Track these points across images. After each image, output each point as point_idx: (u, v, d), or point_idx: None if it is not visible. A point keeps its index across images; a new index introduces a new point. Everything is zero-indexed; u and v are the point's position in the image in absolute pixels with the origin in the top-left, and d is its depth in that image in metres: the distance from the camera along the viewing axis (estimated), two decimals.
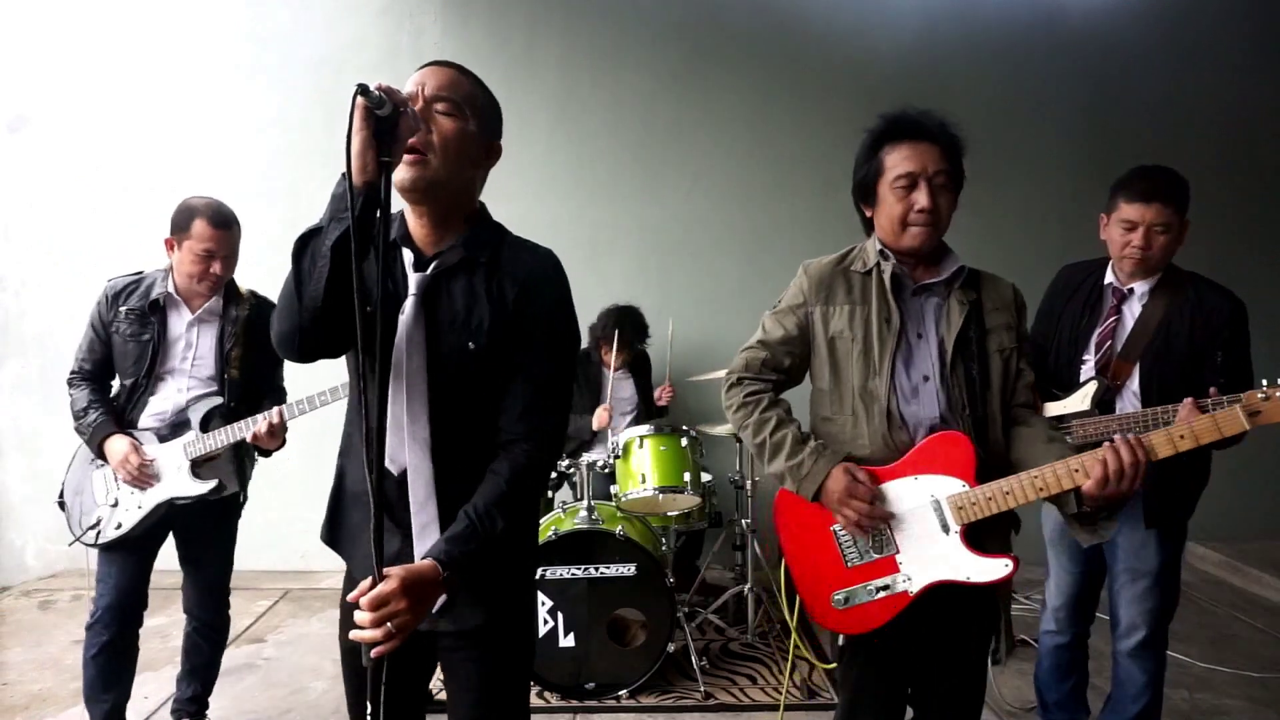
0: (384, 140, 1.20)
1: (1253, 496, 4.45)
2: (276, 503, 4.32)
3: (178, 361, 2.37)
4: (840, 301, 1.69)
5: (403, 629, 1.21)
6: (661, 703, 2.90)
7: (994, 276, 1.73)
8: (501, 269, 1.36)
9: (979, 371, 1.63)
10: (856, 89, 4.32)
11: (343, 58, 4.20)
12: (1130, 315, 2.21)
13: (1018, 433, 1.67)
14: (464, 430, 1.36)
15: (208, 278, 2.34)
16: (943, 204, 1.61)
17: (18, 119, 4.22)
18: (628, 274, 4.29)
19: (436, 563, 1.26)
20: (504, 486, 1.32)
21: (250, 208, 4.21)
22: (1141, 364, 2.15)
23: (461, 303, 1.35)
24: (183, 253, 2.31)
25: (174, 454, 2.35)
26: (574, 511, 3.08)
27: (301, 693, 3.02)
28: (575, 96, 4.33)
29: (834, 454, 1.63)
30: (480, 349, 1.33)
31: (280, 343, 1.33)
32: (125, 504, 2.36)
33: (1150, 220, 2.10)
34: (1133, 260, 2.15)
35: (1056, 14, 4.41)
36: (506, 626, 1.43)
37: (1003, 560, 1.58)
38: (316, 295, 1.24)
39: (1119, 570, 2.26)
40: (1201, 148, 4.37)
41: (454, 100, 1.32)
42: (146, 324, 2.34)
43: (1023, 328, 1.70)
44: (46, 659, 3.24)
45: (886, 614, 1.64)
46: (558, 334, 1.39)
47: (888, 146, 1.63)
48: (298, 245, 1.28)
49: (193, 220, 2.28)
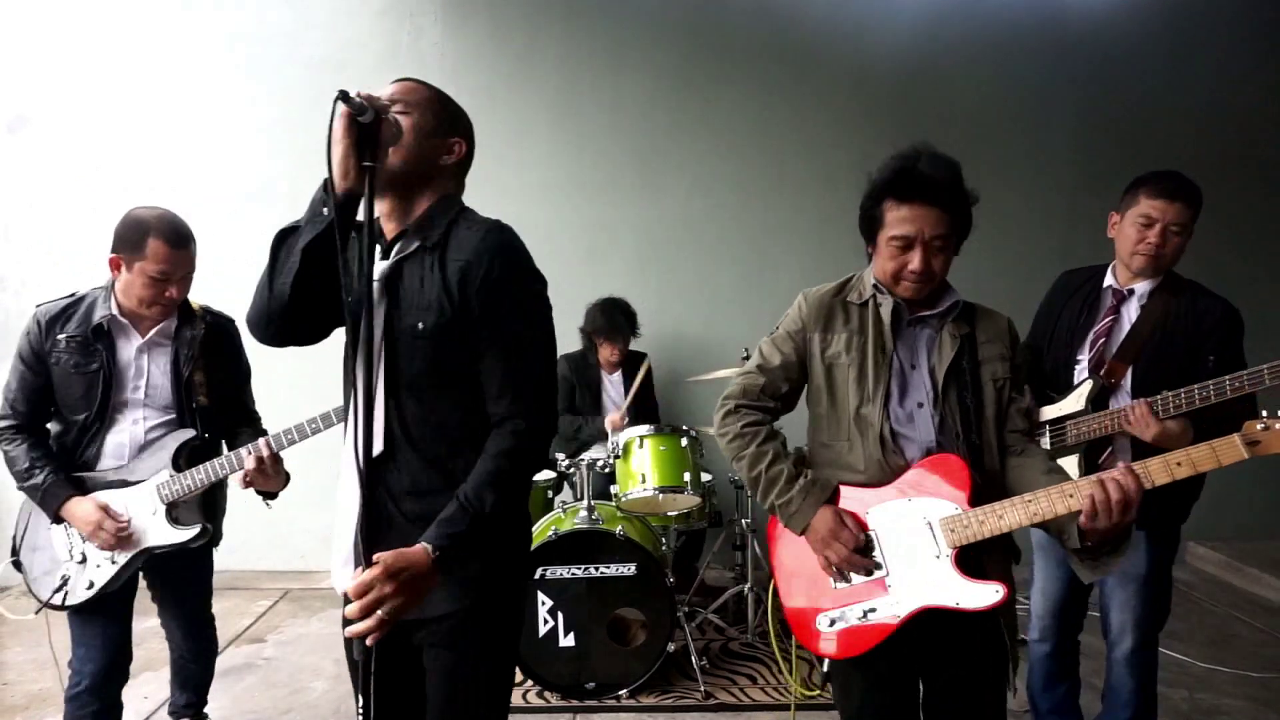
0: (366, 146, 1.27)
1: (1253, 496, 4.45)
2: (276, 503, 4.33)
3: (129, 391, 2.10)
4: (838, 329, 1.71)
5: (394, 614, 1.23)
6: (661, 703, 2.90)
7: (988, 310, 1.75)
8: (448, 248, 1.39)
9: (973, 400, 1.64)
10: (856, 89, 4.32)
11: (343, 58, 4.21)
12: (1128, 317, 2.21)
13: (1014, 462, 1.66)
14: (414, 416, 1.38)
15: (161, 302, 2.08)
16: (937, 266, 1.62)
17: (18, 119, 4.22)
18: (627, 274, 4.28)
19: (427, 546, 1.28)
20: (492, 465, 1.35)
21: (250, 208, 4.27)
22: (1136, 365, 2.15)
23: (415, 285, 1.39)
24: (133, 275, 2.04)
25: (145, 499, 2.09)
26: (574, 511, 3.08)
27: (301, 693, 3.02)
28: (575, 96, 4.33)
29: (823, 491, 1.65)
30: (429, 328, 1.35)
31: (252, 324, 1.43)
32: (95, 558, 2.08)
33: (1170, 219, 2.11)
34: (1145, 257, 2.14)
35: (1056, 14, 4.41)
36: (485, 613, 1.42)
37: (993, 586, 1.54)
38: (283, 291, 1.35)
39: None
40: (1200, 148, 4.37)
41: (407, 101, 1.40)
42: (91, 352, 2.05)
43: (1016, 358, 1.72)
44: (46, 659, 3.23)
45: (874, 638, 1.60)
46: (509, 303, 1.38)
47: (889, 202, 1.62)
48: (277, 238, 1.39)
49: (146, 238, 2.02)
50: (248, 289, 1.42)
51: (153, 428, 2.13)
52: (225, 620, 3.64)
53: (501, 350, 1.37)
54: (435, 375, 1.37)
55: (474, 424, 1.39)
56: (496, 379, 1.38)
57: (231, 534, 2.52)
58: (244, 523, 2.60)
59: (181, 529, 2.13)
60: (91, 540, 2.06)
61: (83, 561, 2.08)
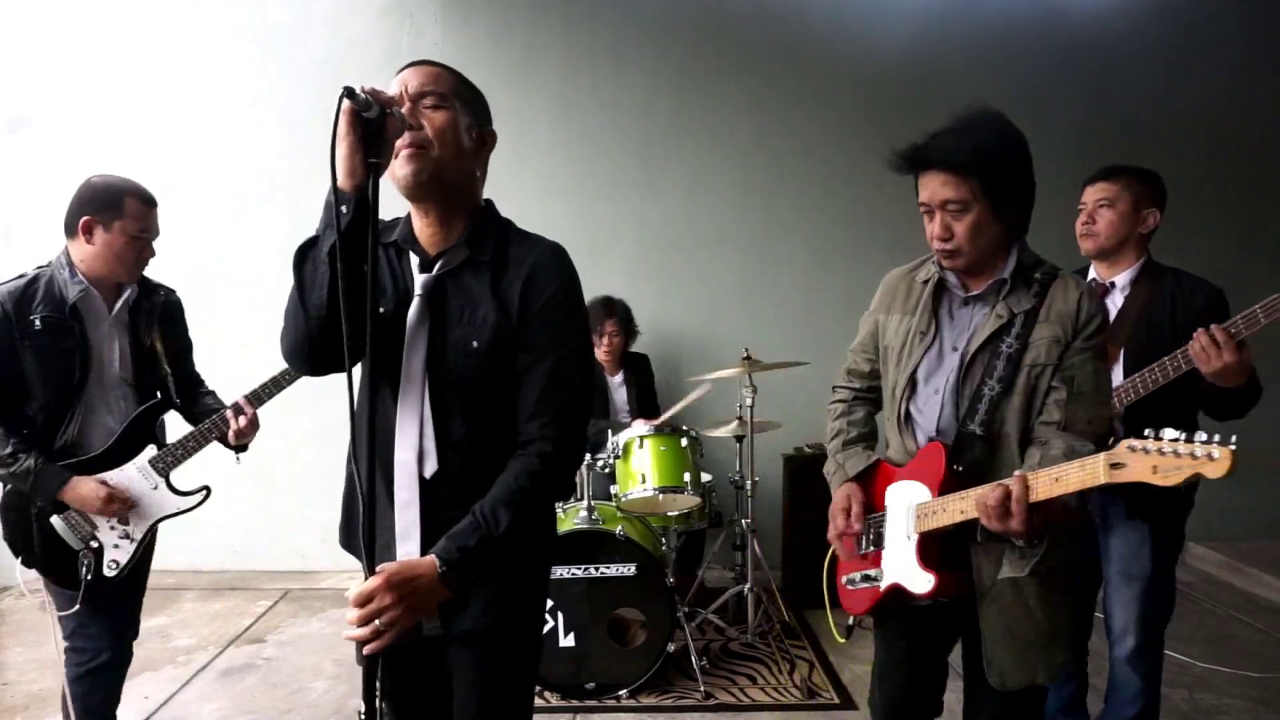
0: (372, 142, 1.22)
1: (1253, 496, 4.44)
2: (276, 503, 4.34)
3: (105, 366, 2.10)
4: (897, 310, 1.76)
5: (391, 625, 1.21)
6: (661, 703, 2.90)
7: (1071, 283, 1.61)
8: (506, 265, 1.36)
9: (1001, 387, 1.58)
10: (857, 88, 4.32)
11: (344, 58, 4.21)
12: (1114, 307, 2.25)
13: (1030, 452, 1.60)
14: (466, 434, 1.35)
15: (141, 262, 2.11)
16: (959, 231, 1.57)
17: (18, 119, 4.22)
18: (628, 273, 4.28)
19: (435, 559, 1.26)
20: (512, 484, 1.32)
21: (252, 209, 4.28)
22: (1126, 350, 2.19)
23: (466, 301, 1.35)
24: (112, 235, 2.04)
25: (140, 475, 2.13)
26: (574, 511, 3.08)
27: (301, 693, 3.02)
28: (575, 96, 4.33)
29: (854, 468, 1.79)
30: (483, 345, 1.33)
31: (290, 354, 1.36)
32: (109, 540, 2.10)
33: (1094, 197, 2.24)
34: (1082, 239, 2.27)
35: (1056, 14, 4.41)
36: (510, 629, 1.41)
37: (926, 575, 1.59)
38: (320, 302, 1.27)
39: (1112, 574, 2.26)
40: (1199, 148, 4.37)
41: (439, 93, 1.33)
42: (67, 330, 2.03)
43: (1078, 341, 1.57)
44: (47, 659, 3.24)
45: (866, 603, 1.75)
46: (565, 327, 1.37)
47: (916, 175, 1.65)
48: (298, 256, 1.31)
49: (122, 198, 2.05)
50: (248, 289, 1.41)
51: (132, 403, 2.16)
52: (225, 620, 3.67)
53: (544, 370, 1.34)
54: (486, 391, 1.35)
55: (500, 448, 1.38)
56: (533, 399, 1.34)
57: (232, 534, 2.52)
58: (244, 523, 2.60)
59: (186, 496, 2.19)
60: (104, 515, 2.07)
61: (100, 548, 2.09)
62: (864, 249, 4.22)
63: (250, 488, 3.88)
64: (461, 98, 1.36)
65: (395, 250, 1.43)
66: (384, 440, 1.35)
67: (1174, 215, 2.34)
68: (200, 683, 3.08)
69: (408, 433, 1.33)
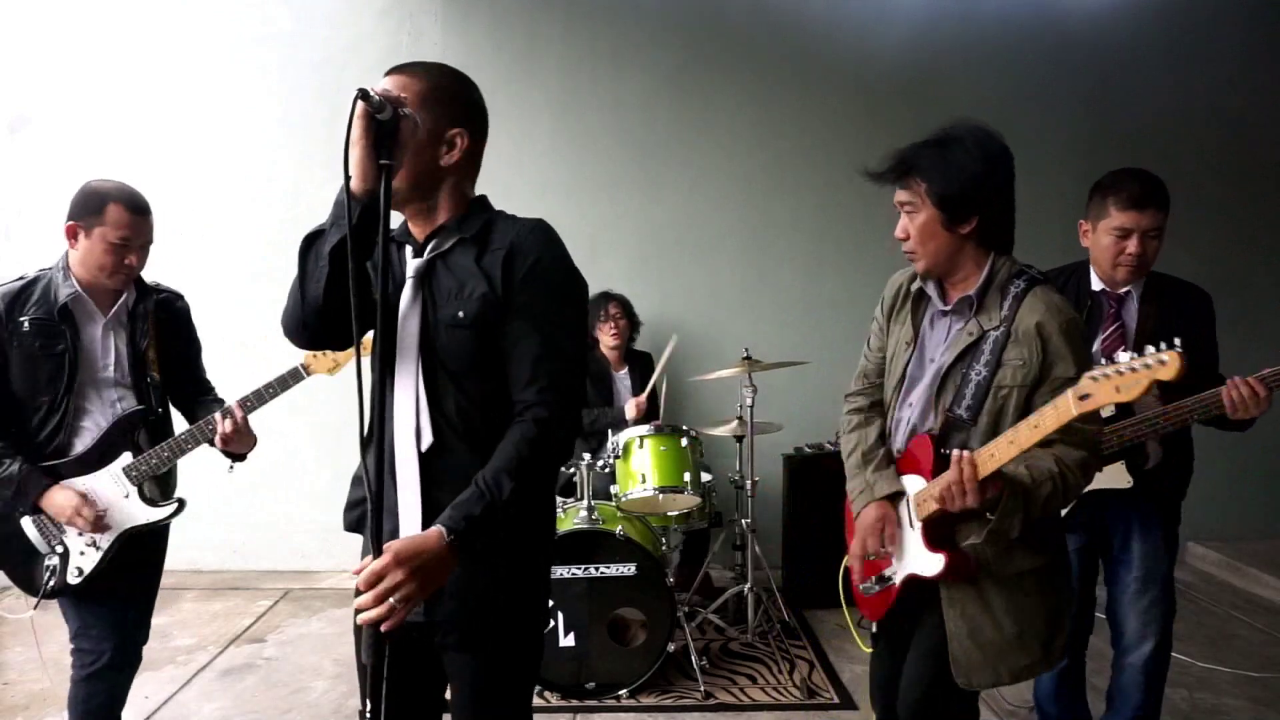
0: (384, 144, 1.24)
1: (1253, 496, 4.45)
2: (276, 503, 4.34)
3: (100, 371, 2.08)
4: (893, 318, 1.79)
5: (406, 600, 1.22)
6: (661, 702, 2.90)
7: (1040, 299, 1.56)
8: (490, 241, 1.39)
9: (969, 409, 1.58)
10: (856, 88, 4.32)
11: (344, 59, 4.19)
12: (1130, 319, 2.21)
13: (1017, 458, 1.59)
14: (459, 408, 1.38)
15: (121, 270, 2.05)
16: (913, 233, 1.60)
17: (18, 119, 4.22)
18: (628, 273, 4.28)
19: (442, 529, 1.27)
20: (512, 451, 1.33)
21: (251, 209, 4.28)
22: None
23: (455, 277, 1.38)
24: (92, 241, 2.01)
25: (112, 482, 2.08)
26: (574, 511, 3.08)
27: (301, 693, 3.02)
28: (575, 96, 4.33)
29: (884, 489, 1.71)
30: (469, 316, 1.35)
31: (287, 330, 1.43)
32: (76, 547, 2.06)
33: (1145, 227, 2.09)
34: (1128, 269, 2.13)
35: (1056, 14, 4.41)
36: (508, 622, 1.41)
37: (936, 556, 1.60)
38: (316, 295, 1.33)
39: (1129, 580, 2.23)
40: (1199, 148, 4.37)
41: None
42: (56, 333, 2.01)
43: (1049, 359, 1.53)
44: (47, 659, 3.24)
45: (884, 606, 1.76)
46: (555, 294, 1.39)
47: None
48: (304, 244, 1.36)
49: (105, 205, 2.00)
50: (248, 288, 1.43)
51: (130, 406, 2.12)
52: (225, 620, 3.67)
53: (535, 338, 1.36)
54: (477, 365, 1.37)
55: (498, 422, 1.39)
56: (526, 367, 1.36)
57: (232, 534, 2.52)
58: (244, 523, 2.59)
59: (158, 507, 2.13)
60: (71, 525, 2.03)
61: (65, 554, 2.06)
62: (864, 249, 4.22)
63: (250, 487, 3.89)
64: (429, 101, 1.36)
65: (395, 245, 1.47)
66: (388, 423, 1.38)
67: (1174, 215, 2.33)
68: (200, 682, 3.08)
69: (404, 410, 1.36)
